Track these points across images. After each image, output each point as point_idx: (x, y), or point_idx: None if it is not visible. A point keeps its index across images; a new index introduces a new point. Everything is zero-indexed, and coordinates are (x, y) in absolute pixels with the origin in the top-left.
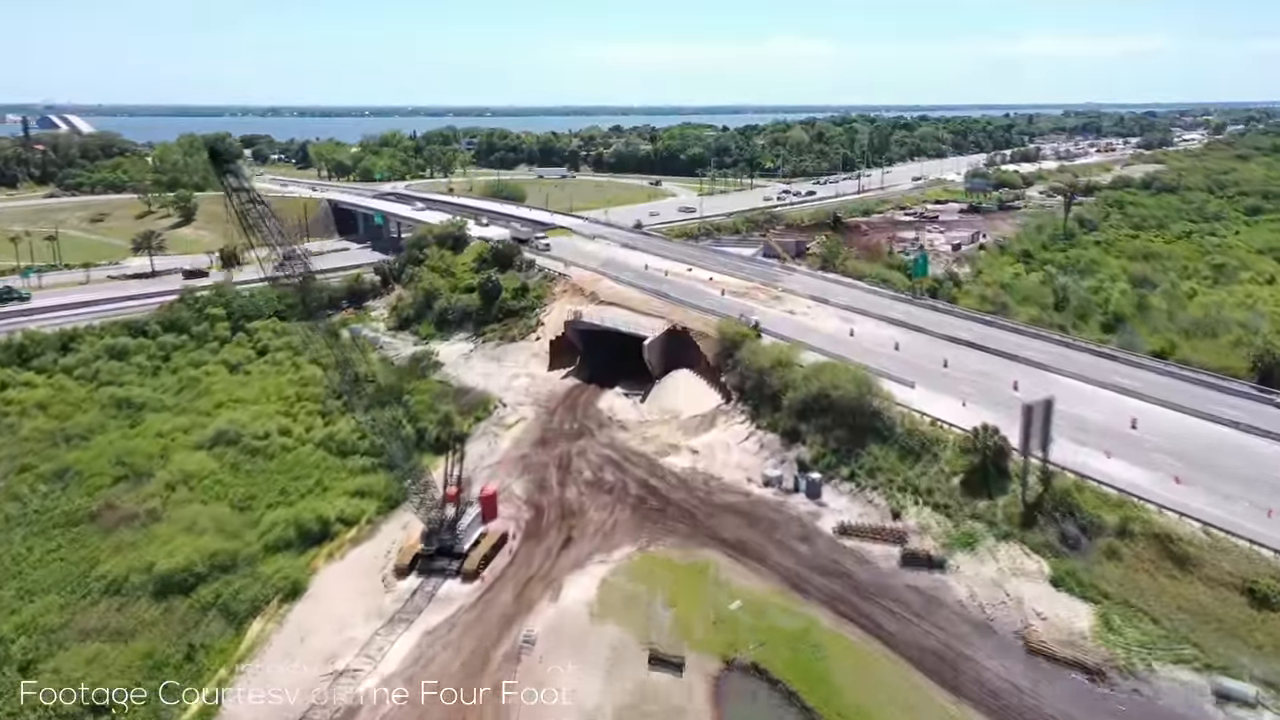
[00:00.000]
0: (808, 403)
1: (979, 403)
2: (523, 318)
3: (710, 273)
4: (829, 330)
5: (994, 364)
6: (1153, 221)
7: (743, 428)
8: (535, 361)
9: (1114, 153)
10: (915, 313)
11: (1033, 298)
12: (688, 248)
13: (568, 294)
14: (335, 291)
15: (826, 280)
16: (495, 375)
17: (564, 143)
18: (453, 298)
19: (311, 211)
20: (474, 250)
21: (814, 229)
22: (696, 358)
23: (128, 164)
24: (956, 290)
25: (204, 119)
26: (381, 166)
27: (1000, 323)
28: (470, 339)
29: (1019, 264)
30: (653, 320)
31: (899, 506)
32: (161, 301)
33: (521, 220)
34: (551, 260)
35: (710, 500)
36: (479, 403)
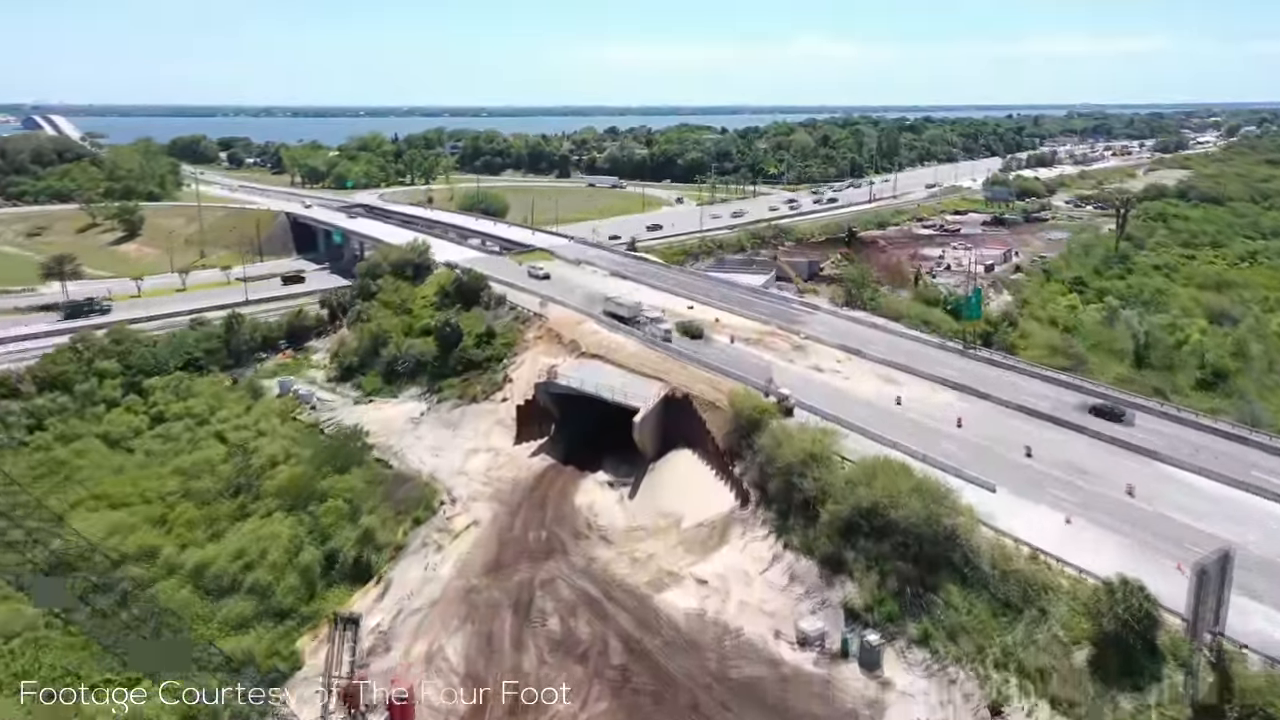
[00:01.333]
0: (854, 518)
1: (1088, 518)
2: (487, 371)
3: (716, 311)
4: (868, 395)
5: (1091, 451)
6: (1204, 238)
7: (765, 545)
8: (499, 431)
9: (1130, 156)
10: (973, 370)
11: (1102, 342)
12: (689, 276)
13: (543, 340)
14: (271, 330)
15: (856, 322)
16: (448, 450)
17: (554, 146)
18: (404, 344)
19: (267, 226)
20: (436, 281)
21: (826, 245)
22: (701, 435)
23: (76, 171)
24: (1015, 336)
25: (196, 119)
26: (356, 173)
27: (1084, 385)
28: (424, 396)
29: (1072, 294)
30: (645, 383)
31: (999, 696)
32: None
33: (496, 239)
34: (528, 294)
35: (724, 675)
36: (420, 498)
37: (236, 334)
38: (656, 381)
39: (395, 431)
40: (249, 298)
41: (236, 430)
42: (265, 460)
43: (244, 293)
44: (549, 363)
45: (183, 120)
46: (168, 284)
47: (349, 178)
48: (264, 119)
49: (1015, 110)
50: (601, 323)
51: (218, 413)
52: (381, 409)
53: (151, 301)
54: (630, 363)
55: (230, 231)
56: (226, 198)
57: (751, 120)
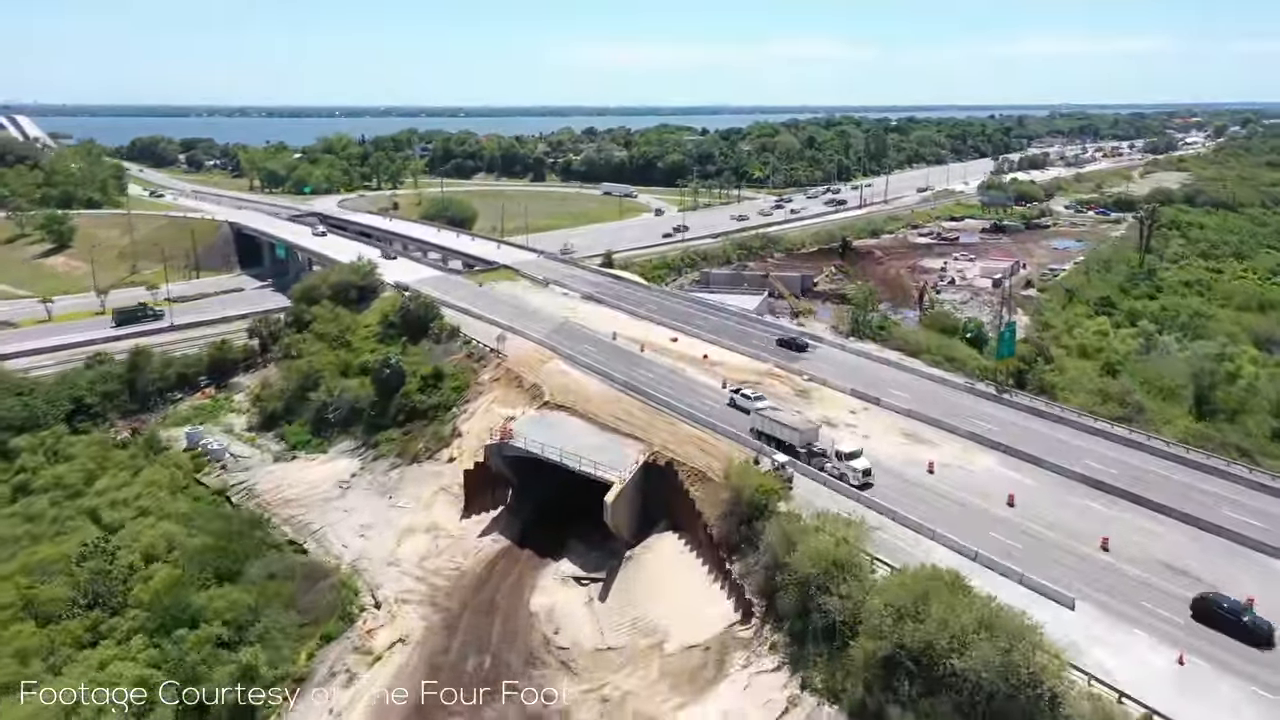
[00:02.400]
0: (899, 657)
1: (1206, 655)
2: (433, 422)
3: (704, 344)
4: (893, 459)
5: (1180, 538)
6: (1225, 248)
7: (776, 683)
8: (444, 501)
9: (1121, 158)
10: (1013, 422)
11: (1148, 379)
12: (672, 300)
13: (500, 384)
14: (190, 363)
15: (867, 357)
16: (379, 528)
17: (529, 149)
18: (338, 386)
19: (208, 237)
20: (381, 307)
21: (818, 256)
22: (689, 516)
23: (11, 176)
24: (1050, 373)
25: (169, 119)
26: (318, 177)
27: (1149, 444)
28: (358, 451)
29: (1100, 316)
30: (620, 443)
31: None
32: None
33: (458, 254)
34: (485, 324)
35: None
36: (335, 603)
37: (142, 372)
38: (634, 442)
39: (318, 500)
40: (174, 322)
41: (114, 507)
42: (139, 555)
43: (168, 318)
44: (505, 414)
45: (154, 120)
46: (89, 305)
47: (309, 182)
48: (238, 119)
49: (997, 110)
50: (572, 362)
51: (97, 482)
52: (306, 468)
53: (59, 329)
54: (603, 414)
55: (169, 243)
56: (170, 205)
57: (732, 121)
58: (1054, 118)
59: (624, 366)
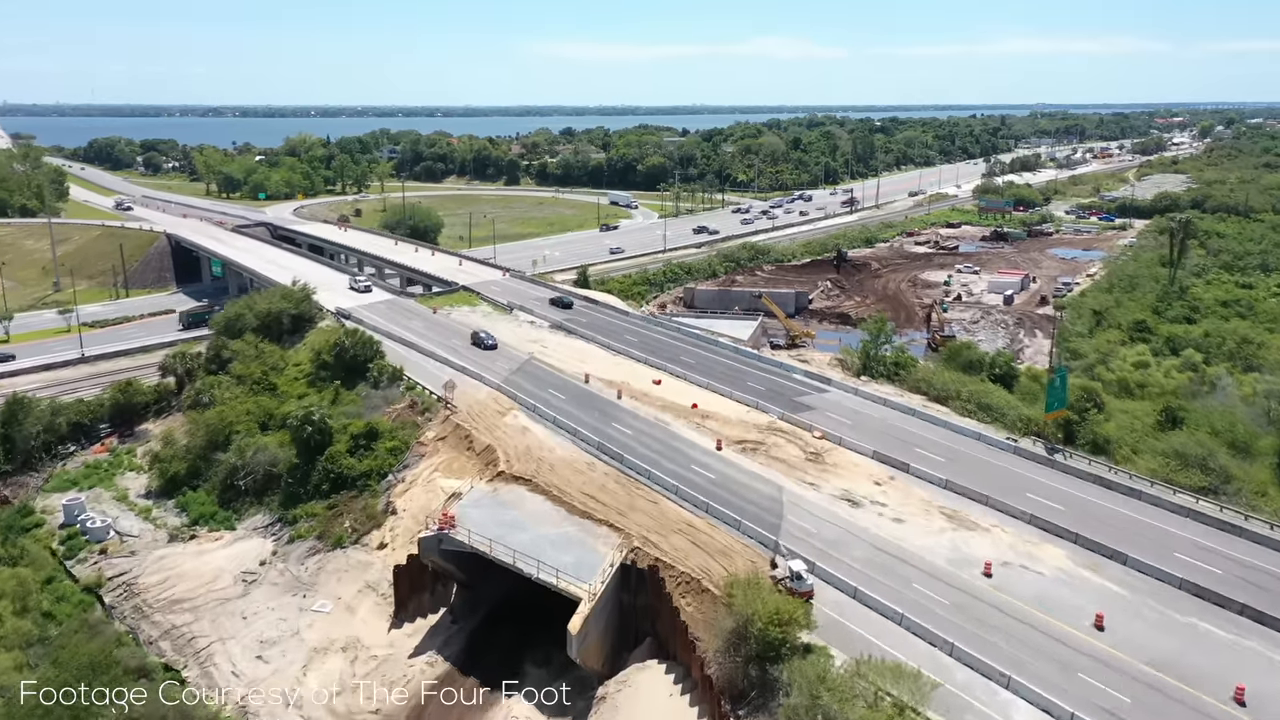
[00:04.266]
0: None
1: None
2: (363, 493)
3: (693, 390)
4: (935, 554)
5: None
6: (1249, 259)
7: None
8: (370, 603)
9: (1113, 159)
10: (1075, 495)
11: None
12: (654, 330)
13: (447, 444)
14: (87, 410)
15: (886, 405)
16: (283, 647)
17: (502, 151)
18: (252, 445)
19: (142, 251)
20: (314, 341)
21: (811, 269)
22: (682, 640)
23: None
24: (1106, 424)
25: (141, 120)
26: (276, 181)
27: (1248, 527)
28: (270, 529)
29: (1138, 343)
30: (591, 532)
31: None
32: None
33: (414, 273)
34: (435, 362)
35: None
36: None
37: (19, 426)
38: (608, 531)
39: (213, 602)
40: (84, 353)
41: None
42: None
43: (79, 347)
44: (450, 486)
45: (124, 121)
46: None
47: (266, 187)
48: (211, 119)
49: (978, 110)
50: (535, 415)
51: None
52: (204, 554)
53: None
54: (571, 490)
55: (102, 257)
56: (107, 213)
57: (712, 121)
58: (1037, 117)
59: (597, 420)
